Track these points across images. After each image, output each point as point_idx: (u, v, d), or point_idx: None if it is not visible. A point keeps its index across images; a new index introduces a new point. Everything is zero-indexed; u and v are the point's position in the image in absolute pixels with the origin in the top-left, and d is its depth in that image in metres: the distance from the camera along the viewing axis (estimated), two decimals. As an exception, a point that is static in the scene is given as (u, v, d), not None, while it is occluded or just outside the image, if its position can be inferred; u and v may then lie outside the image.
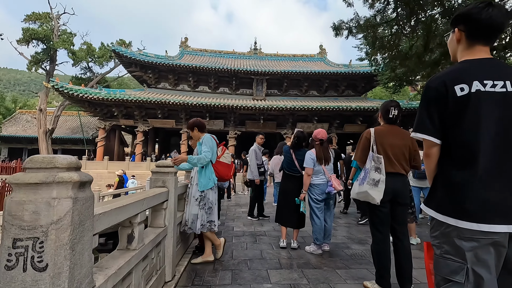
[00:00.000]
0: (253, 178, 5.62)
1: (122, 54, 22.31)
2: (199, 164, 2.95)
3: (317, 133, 3.54)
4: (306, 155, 3.51)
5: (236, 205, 7.93)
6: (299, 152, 3.73)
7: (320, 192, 3.45)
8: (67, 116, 30.75)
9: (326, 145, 3.53)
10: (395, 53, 6.60)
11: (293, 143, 3.81)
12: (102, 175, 19.28)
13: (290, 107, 20.91)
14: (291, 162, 3.72)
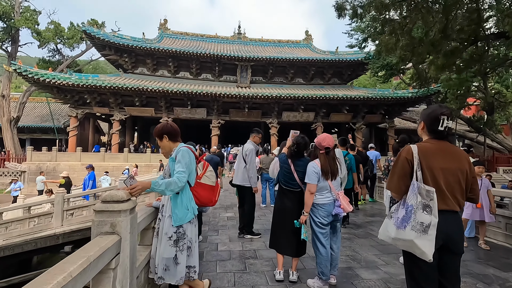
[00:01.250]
0: (251, 185, 4.52)
1: (94, 35, 20.46)
2: (169, 192, 2.12)
3: (322, 139, 2.80)
4: (308, 167, 2.79)
5: (220, 207, 7.20)
6: (299, 162, 3.01)
7: (326, 214, 2.77)
8: (36, 102, 28.45)
9: (333, 155, 2.81)
10: (407, 40, 5.87)
11: (292, 151, 3.07)
12: (75, 167, 17.94)
13: (276, 95, 20.12)
14: (289, 174, 3.00)
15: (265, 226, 5.19)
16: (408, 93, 21.39)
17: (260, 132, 4.76)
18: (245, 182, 4.54)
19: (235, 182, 4.71)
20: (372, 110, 22.74)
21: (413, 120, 28.54)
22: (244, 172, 4.50)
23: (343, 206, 2.77)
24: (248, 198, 4.63)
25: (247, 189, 4.57)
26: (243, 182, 4.56)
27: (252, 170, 4.44)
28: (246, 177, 4.49)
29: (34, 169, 17.94)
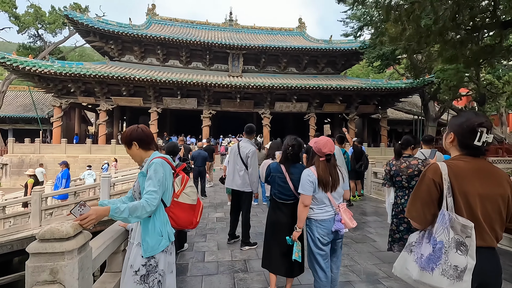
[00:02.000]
0: (252, 190, 4.01)
1: (76, 20, 19.37)
2: (134, 219, 1.68)
3: (323, 144, 2.35)
4: (302, 175, 2.39)
5: (210, 205, 6.84)
6: (294, 169, 2.64)
7: (325, 232, 2.38)
8: (18, 91, 27.20)
9: (334, 162, 2.43)
10: (414, 28, 5.41)
11: (286, 156, 2.69)
12: (60, 159, 17.15)
13: (268, 85, 19.61)
14: (284, 184, 2.63)
15: (257, 229, 4.85)
16: (401, 84, 21.17)
17: (255, 131, 4.29)
18: (245, 187, 3.99)
19: (232, 187, 4.11)
20: (365, 100, 22.49)
21: (405, 110, 28.51)
22: (244, 176, 3.94)
23: (344, 221, 2.42)
24: (245, 204, 4.08)
25: (246, 194, 4.04)
26: (243, 187, 3.99)
27: (255, 174, 3.91)
28: (246, 181, 3.95)
29: (16, 162, 17.19)
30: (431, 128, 24.29)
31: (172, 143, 3.74)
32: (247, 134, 4.14)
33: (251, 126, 4.22)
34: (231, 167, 4.12)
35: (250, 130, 4.14)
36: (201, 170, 7.45)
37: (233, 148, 4.17)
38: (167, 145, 3.71)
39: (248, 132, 4.13)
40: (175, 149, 3.79)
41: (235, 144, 4.23)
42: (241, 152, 4.01)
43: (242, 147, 4.03)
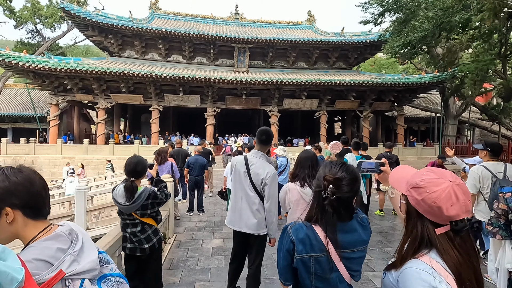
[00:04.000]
0: (269, 234, 2.66)
1: (74, 13, 18.35)
2: None
3: (447, 195, 0.79)
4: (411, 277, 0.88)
5: (207, 225, 5.57)
6: (346, 234, 1.26)
7: None
8: (18, 89, 26.44)
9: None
10: None
11: (323, 207, 1.32)
12: (56, 161, 16.33)
13: (276, 80, 18.27)
14: (327, 274, 1.23)
15: (266, 271, 3.56)
16: (421, 78, 19.55)
17: (272, 138, 2.74)
18: (259, 229, 2.58)
19: (239, 229, 2.64)
20: (380, 96, 20.97)
21: (422, 107, 26.79)
22: (259, 213, 2.53)
23: None
24: (257, 252, 2.71)
25: (259, 239, 2.64)
26: (257, 230, 2.56)
27: (275, 211, 2.53)
28: (261, 220, 2.54)
29: (10, 163, 16.21)
30: (452, 126, 22.63)
31: (135, 158, 2.46)
32: (261, 144, 2.61)
33: (267, 131, 2.63)
34: (237, 196, 2.64)
35: (266, 137, 2.59)
36: (198, 180, 6.21)
37: (238, 164, 2.64)
38: (127, 163, 2.45)
39: (264, 141, 2.59)
40: (138, 167, 2.39)
41: (240, 157, 2.70)
42: (252, 175, 2.52)
43: (254, 167, 2.53)
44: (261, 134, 2.63)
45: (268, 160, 2.63)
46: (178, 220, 5.84)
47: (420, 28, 8.31)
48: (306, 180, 2.39)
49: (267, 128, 2.71)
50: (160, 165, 5.19)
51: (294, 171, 2.48)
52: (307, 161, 2.45)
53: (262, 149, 2.65)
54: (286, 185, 2.49)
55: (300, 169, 2.46)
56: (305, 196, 2.33)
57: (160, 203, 2.49)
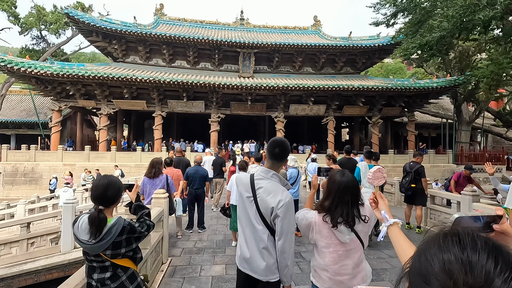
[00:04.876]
0: (283, 281, 1.90)
1: (78, 19, 18.18)
2: None
3: None
4: None
5: (208, 246, 4.95)
6: None
7: None
8: (23, 95, 26.38)
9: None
10: None
11: None
12: (56, 168, 15.93)
13: (282, 85, 17.74)
14: None
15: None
16: (432, 83, 18.84)
17: (289, 153, 2.06)
18: (269, 274, 1.86)
19: (245, 270, 1.95)
20: (390, 102, 20.27)
21: (432, 113, 25.97)
22: (266, 252, 1.85)
23: None
24: None
25: (270, 286, 1.89)
26: (266, 275, 1.86)
27: (289, 251, 1.81)
28: (272, 262, 1.85)
29: (10, 171, 15.95)
30: (465, 133, 21.81)
31: (105, 180, 1.83)
32: (273, 160, 1.94)
33: (282, 142, 1.97)
34: (241, 227, 2.01)
35: (281, 151, 1.93)
36: (198, 194, 5.62)
37: (241, 186, 2.02)
38: (93, 185, 1.84)
39: (277, 156, 1.93)
40: (109, 192, 1.79)
41: (245, 177, 2.05)
42: (259, 202, 1.85)
43: (263, 191, 1.86)
44: (273, 147, 1.93)
45: (282, 182, 1.92)
46: (179, 238, 5.25)
47: (439, 27, 7.73)
48: (344, 220, 1.76)
49: (282, 139, 2.00)
50: (153, 179, 4.62)
51: (324, 201, 1.85)
52: (346, 194, 1.77)
53: (274, 167, 1.94)
54: (311, 215, 1.86)
55: (336, 202, 1.77)
56: (341, 236, 1.77)
57: (139, 238, 1.88)
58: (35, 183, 15.86)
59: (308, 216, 1.88)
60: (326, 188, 1.88)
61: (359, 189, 1.84)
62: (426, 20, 9.12)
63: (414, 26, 9.99)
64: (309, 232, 1.86)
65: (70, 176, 13.45)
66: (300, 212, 1.98)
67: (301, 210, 2.00)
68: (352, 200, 1.79)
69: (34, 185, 15.79)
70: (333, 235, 1.78)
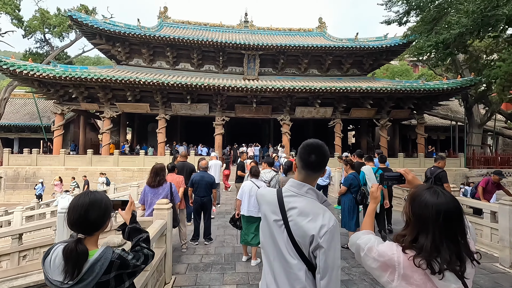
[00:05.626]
0: None
1: (81, 22, 17.99)
2: None
3: None
4: None
5: (215, 260, 4.50)
6: None
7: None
8: (27, 99, 26.29)
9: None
10: None
11: None
12: (58, 172, 15.59)
13: (288, 87, 17.33)
14: None
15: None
16: (442, 84, 18.30)
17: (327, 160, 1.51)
18: None
19: None
20: (399, 104, 19.76)
21: (441, 115, 25.36)
22: None
23: None
24: None
25: None
26: None
27: None
28: None
29: (11, 175, 15.67)
30: (476, 136, 21.17)
31: (86, 198, 1.43)
32: (307, 170, 1.47)
33: (320, 147, 1.48)
34: (268, 260, 1.49)
35: (318, 158, 1.46)
36: (204, 202, 5.17)
37: (266, 206, 1.53)
38: (70, 206, 1.44)
39: (313, 165, 1.46)
40: (91, 215, 1.38)
41: (269, 193, 1.56)
42: (293, 228, 1.38)
43: (297, 213, 1.39)
44: (308, 152, 1.46)
45: (320, 198, 1.46)
46: (183, 252, 4.82)
47: (458, 24, 7.28)
48: (450, 267, 1.16)
49: (319, 142, 1.51)
50: (156, 188, 4.20)
51: (411, 234, 1.23)
52: (451, 225, 1.19)
53: (309, 179, 1.47)
54: (390, 251, 1.25)
55: (436, 239, 1.18)
56: (445, 286, 1.16)
57: (133, 273, 1.43)
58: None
59: (383, 250, 1.26)
60: (409, 213, 1.29)
61: (463, 212, 1.26)
62: (442, 17, 8.69)
63: (428, 24, 9.55)
64: (384, 274, 1.26)
65: (60, 181, 13.06)
66: (362, 237, 1.38)
67: (360, 234, 1.43)
68: (461, 233, 1.22)
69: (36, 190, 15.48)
70: (429, 283, 1.19)
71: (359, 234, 1.42)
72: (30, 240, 6.68)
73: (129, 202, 1.71)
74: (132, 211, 1.68)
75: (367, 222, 1.53)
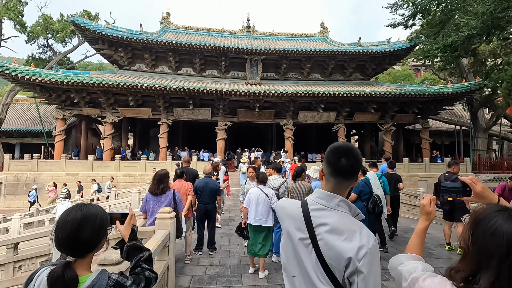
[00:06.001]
0: None
1: (84, 27, 17.99)
2: None
3: None
4: None
5: (220, 272, 4.25)
6: None
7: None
8: (29, 104, 26.27)
9: None
10: None
11: None
12: (59, 178, 15.41)
13: (291, 92, 17.19)
14: None
15: None
16: (447, 89, 18.10)
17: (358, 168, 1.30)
18: None
19: None
20: (403, 108, 19.55)
21: (445, 120, 25.10)
22: None
23: None
24: None
25: None
26: None
27: None
28: None
29: (11, 180, 15.51)
30: (482, 140, 20.88)
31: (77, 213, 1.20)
32: (337, 177, 1.24)
33: (351, 150, 1.26)
34: (295, 285, 1.23)
35: (350, 162, 1.23)
36: (208, 210, 4.94)
37: (289, 221, 1.29)
38: (58, 223, 1.25)
39: (346, 171, 1.23)
40: (83, 233, 1.15)
41: (291, 203, 1.33)
42: (323, 249, 1.14)
43: (328, 231, 1.15)
44: (337, 156, 1.24)
45: (353, 211, 1.24)
46: (186, 263, 4.58)
47: (467, 26, 7.11)
48: None
49: (349, 145, 1.29)
50: (159, 196, 3.98)
51: (470, 267, 0.97)
52: None
53: (339, 189, 1.25)
54: (438, 284, 0.95)
55: (496, 276, 0.85)
56: None
57: None
58: (37, 194, 15.34)
59: (431, 287, 0.96)
60: (468, 241, 0.95)
61: None
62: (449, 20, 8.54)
63: (435, 27, 9.43)
64: None
65: (54, 187, 12.83)
66: (406, 263, 1.11)
67: (403, 258, 1.15)
68: None
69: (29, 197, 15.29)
70: None
71: (402, 258, 1.16)
72: (28, 248, 6.46)
73: (129, 215, 1.45)
74: (132, 225, 1.45)
75: (414, 244, 1.25)
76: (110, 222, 1.34)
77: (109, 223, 1.32)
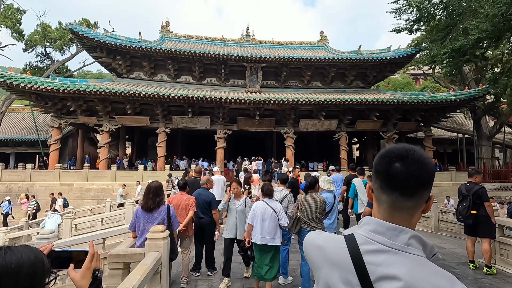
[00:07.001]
0: None
1: (82, 35, 17.80)
2: None
3: None
4: None
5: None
6: None
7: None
8: (25, 113, 25.91)
9: None
10: None
11: None
12: (53, 188, 14.90)
13: (292, 99, 16.88)
14: None
15: None
16: (450, 96, 17.84)
17: None
18: None
19: None
20: (405, 116, 19.25)
21: (447, 128, 24.81)
22: None
23: None
24: None
25: None
26: None
27: None
28: None
29: (3, 191, 14.97)
30: (486, 148, 20.52)
31: (4, 259, 0.87)
32: (392, 192, 0.82)
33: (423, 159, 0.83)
34: None
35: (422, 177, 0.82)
36: (203, 224, 4.43)
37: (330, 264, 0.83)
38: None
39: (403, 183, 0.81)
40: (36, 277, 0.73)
41: (330, 240, 0.88)
42: (361, 271, 0.75)
43: (388, 275, 0.73)
44: (388, 160, 0.84)
45: (429, 251, 0.81)
46: (183, 286, 4.09)
47: (477, 29, 6.84)
48: None
49: (406, 146, 0.84)
50: (151, 212, 3.53)
51: None
52: None
53: (400, 215, 0.82)
54: None
55: None
56: None
57: None
58: (30, 205, 14.79)
59: None
60: None
61: None
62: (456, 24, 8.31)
63: (441, 31, 9.19)
64: None
65: (26, 199, 12.27)
66: None
67: None
68: None
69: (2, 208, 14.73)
70: None
71: None
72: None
73: (89, 254, 1.01)
74: (95, 270, 1.01)
75: None
76: (61, 265, 0.91)
77: (58, 267, 0.89)
